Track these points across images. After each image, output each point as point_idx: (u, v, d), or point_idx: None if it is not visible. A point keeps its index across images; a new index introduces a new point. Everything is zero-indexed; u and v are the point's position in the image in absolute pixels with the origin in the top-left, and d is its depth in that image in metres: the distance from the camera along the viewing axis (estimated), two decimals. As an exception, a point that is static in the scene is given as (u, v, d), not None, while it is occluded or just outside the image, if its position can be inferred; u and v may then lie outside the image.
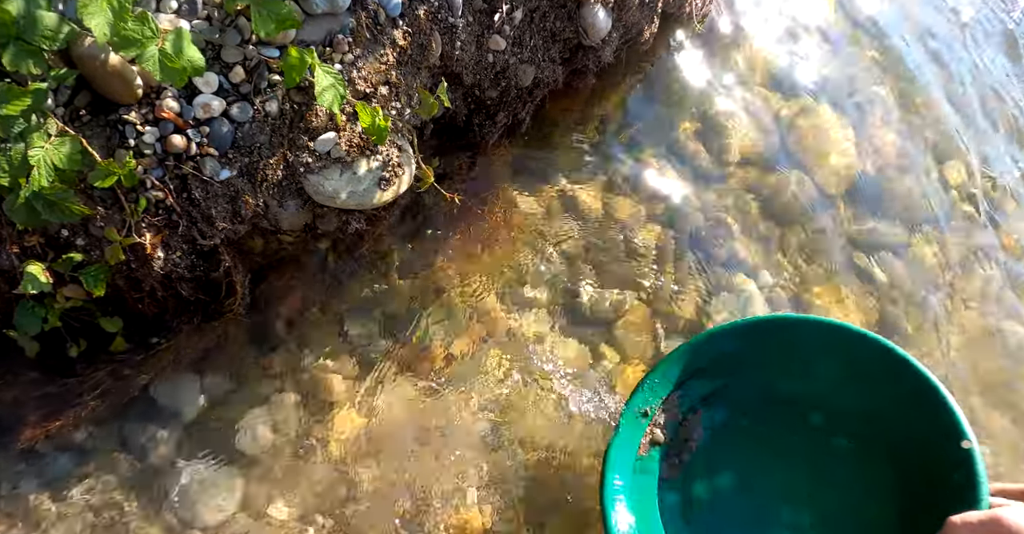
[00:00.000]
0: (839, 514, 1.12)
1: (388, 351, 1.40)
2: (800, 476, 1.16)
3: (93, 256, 1.08)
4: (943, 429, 1.03)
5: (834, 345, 1.13)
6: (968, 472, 0.98)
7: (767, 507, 1.15)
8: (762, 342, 1.16)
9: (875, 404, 1.13)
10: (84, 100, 1.02)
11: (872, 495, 1.12)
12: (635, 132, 1.79)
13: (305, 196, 1.15)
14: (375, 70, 1.13)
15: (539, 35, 1.35)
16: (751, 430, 1.21)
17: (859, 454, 1.15)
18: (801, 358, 1.16)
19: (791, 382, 1.19)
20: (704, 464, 1.19)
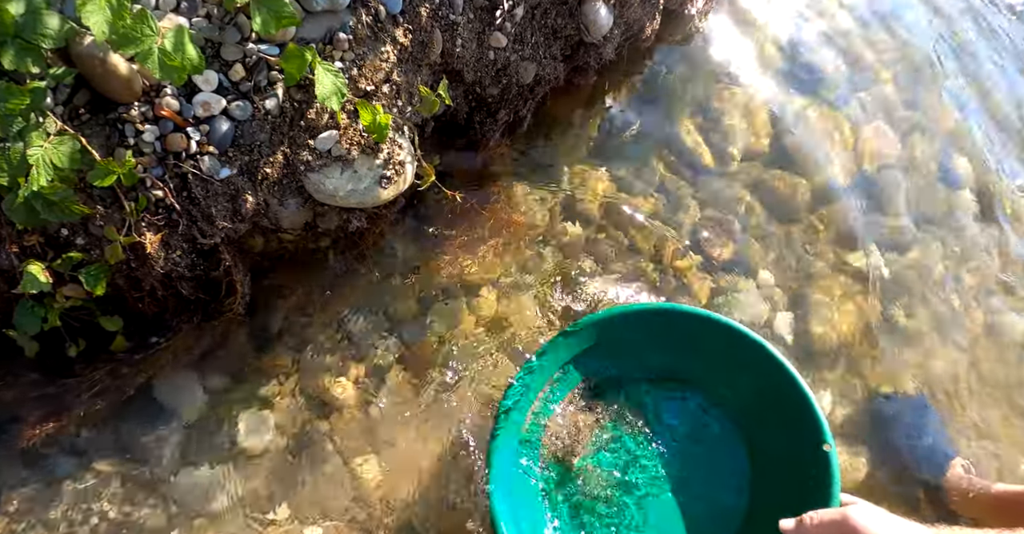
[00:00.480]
0: (699, 497, 1.18)
1: (389, 349, 1.40)
2: (674, 459, 1.21)
3: (93, 255, 1.08)
4: (805, 428, 1.09)
5: (711, 337, 1.18)
6: (824, 470, 1.04)
7: (639, 486, 1.20)
8: (642, 331, 1.21)
9: (746, 397, 1.19)
10: (83, 99, 1.01)
11: (730, 482, 1.18)
12: (636, 129, 1.78)
13: (306, 194, 1.14)
14: (376, 68, 1.12)
15: (540, 32, 1.34)
16: (630, 411, 1.26)
17: (726, 442, 1.21)
18: (680, 347, 1.21)
19: (671, 365, 1.24)
20: (584, 446, 1.23)
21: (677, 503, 1.18)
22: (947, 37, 2.26)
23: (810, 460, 1.07)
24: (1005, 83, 2.25)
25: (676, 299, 1.61)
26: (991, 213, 2.00)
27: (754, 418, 1.20)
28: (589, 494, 1.20)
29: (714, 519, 1.16)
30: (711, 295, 1.64)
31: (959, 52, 2.25)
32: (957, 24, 2.32)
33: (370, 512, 1.26)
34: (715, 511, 1.17)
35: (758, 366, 1.16)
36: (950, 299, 1.86)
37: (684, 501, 1.18)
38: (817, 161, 1.87)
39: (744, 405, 1.21)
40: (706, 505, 1.18)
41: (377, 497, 1.28)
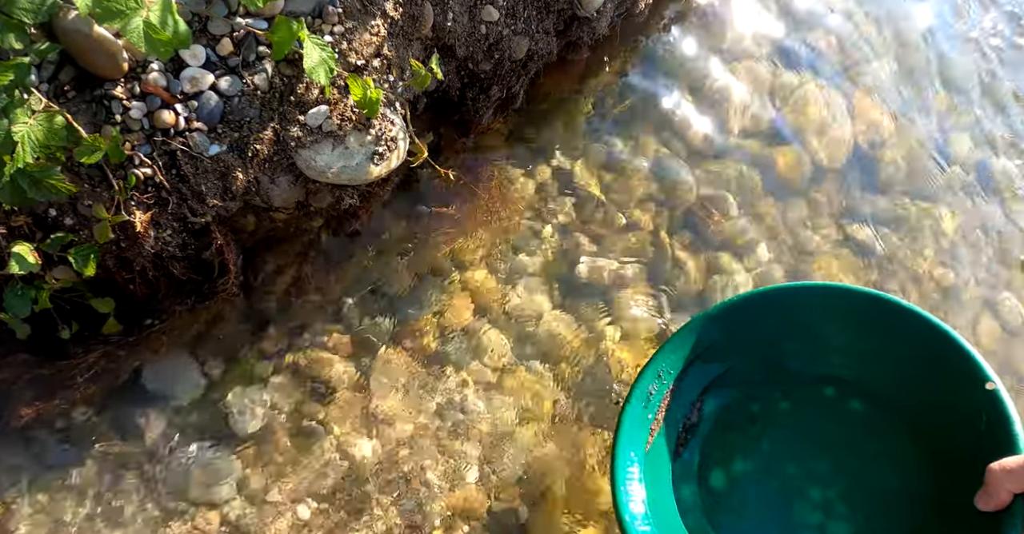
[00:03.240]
0: (864, 484, 1.06)
1: (384, 329, 1.39)
2: (820, 451, 1.10)
3: (82, 236, 1.06)
4: (962, 375, 0.96)
5: (837, 308, 1.08)
6: (996, 414, 0.91)
7: (790, 488, 1.09)
8: (766, 315, 1.12)
9: (886, 362, 1.07)
10: (69, 75, 1.00)
11: (894, 458, 1.06)
12: (631, 105, 1.76)
13: (297, 172, 1.13)
14: (366, 42, 1.11)
15: (533, 6, 1.32)
16: (763, 411, 1.16)
17: (875, 417, 1.09)
18: (806, 327, 1.11)
19: (799, 354, 1.14)
20: (718, 450, 1.14)
21: (848, 493, 1.06)
22: (947, 11, 2.24)
23: (976, 409, 0.93)
24: (1006, 58, 2.23)
25: (675, 274, 1.61)
26: (994, 186, 1.99)
27: (901, 383, 1.06)
28: (742, 504, 1.10)
29: (891, 504, 1.04)
30: (708, 273, 1.63)
31: (958, 24, 2.23)
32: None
33: (367, 491, 1.26)
34: (889, 490, 1.05)
35: (894, 326, 1.03)
36: (949, 274, 1.86)
37: (853, 490, 1.07)
38: (815, 137, 1.86)
39: (885, 372, 1.07)
40: (879, 487, 1.06)
41: (376, 477, 1.28)
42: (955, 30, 2.20)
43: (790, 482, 1.10)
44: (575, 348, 1.46)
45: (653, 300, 1.56)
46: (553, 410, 1.41)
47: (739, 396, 1.17)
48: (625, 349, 1.51)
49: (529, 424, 1.38)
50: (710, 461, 1.14)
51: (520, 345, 1.44)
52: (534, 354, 1.45)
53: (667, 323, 1.54)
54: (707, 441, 1.15)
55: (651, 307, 1.55)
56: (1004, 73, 2.18)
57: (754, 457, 1.13)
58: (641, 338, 1.51)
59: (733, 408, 1.17)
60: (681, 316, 1.54)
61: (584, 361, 1.46)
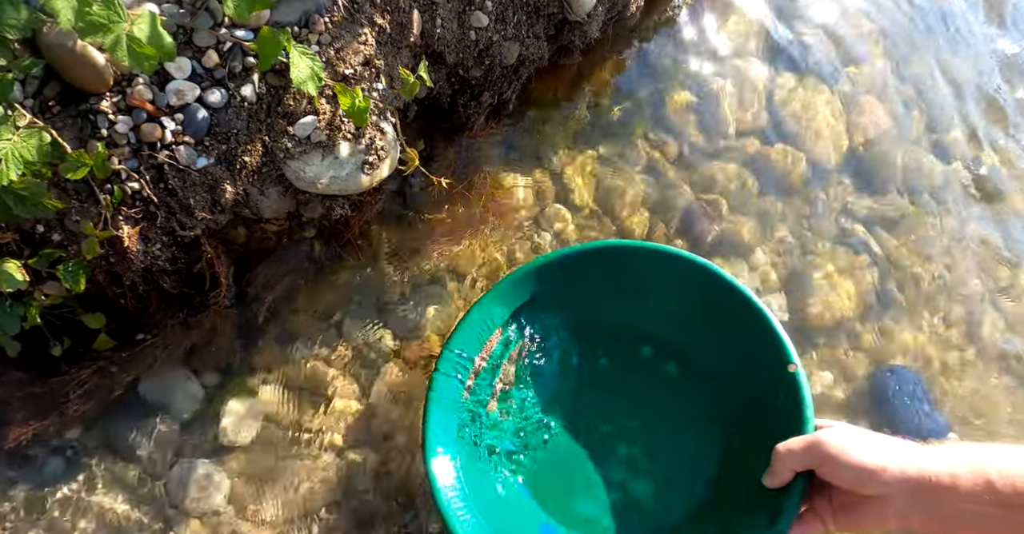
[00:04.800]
0: (666, 445, 1.12)
1: (379, 338, 1.38)
2: (632, 409, 1.15)
3: (71, 251, 1.05)
4: (768, 353, 1.02)
5: (661, 271, 1.12)
6: (792, 395, 0.97)
7: (599, 444, 1.13)
8: (590, 271, 1.14)
9: (702, 331, 1.12)
10: (53, 91, 0.99)
11: (696, 423, 1.11)
12: (625, 109, 1.75)
13: (287, 183, 1.12)
14: (354, 51, 1.10)
15: (523, 10, 1.31)
16: (582, 366, 1.19)
17: (685, 382, 1.15)
18: (630, 286, 1.14)
19: (620, 313, 1.17)
20: (533, 405, 1.17)
21: (649, 452, 1.12)
22: (938, 9, 2.24)
23: (776, 387, 1.00)
24: (996, 54, 2.22)
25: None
26: (990, 184, 1.98)
27: (712, 352, 1.12)
28: (554, 458, 1.13)
29: (689, 467, 1.09)
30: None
31: (950, 24, 2.22)
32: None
33: (367, 503, 1.25)
34: (686, 454, 1.11)
35: (712, 297, 1.09)
36: (946, 273, 1.85)
37: (654, 450, 1.12)
38: (811, 137, 1.85)
39: (699, 340, 1.13)
40: (679, 449, 1.11)
41: (375, 488, 1.26)
42: (953, 29, 2.20)
43: (600, 438, 1.14)
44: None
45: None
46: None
47: (559, 351, 1.20)
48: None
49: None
50: (524, 415, 1.16)
51: (517, 352, 1.42)
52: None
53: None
54: (522, 395, 1.17)
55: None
56: (1000, 73, 2.17)
57: (568, 412, 1.16)
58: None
59: (552, 362, 1.19)
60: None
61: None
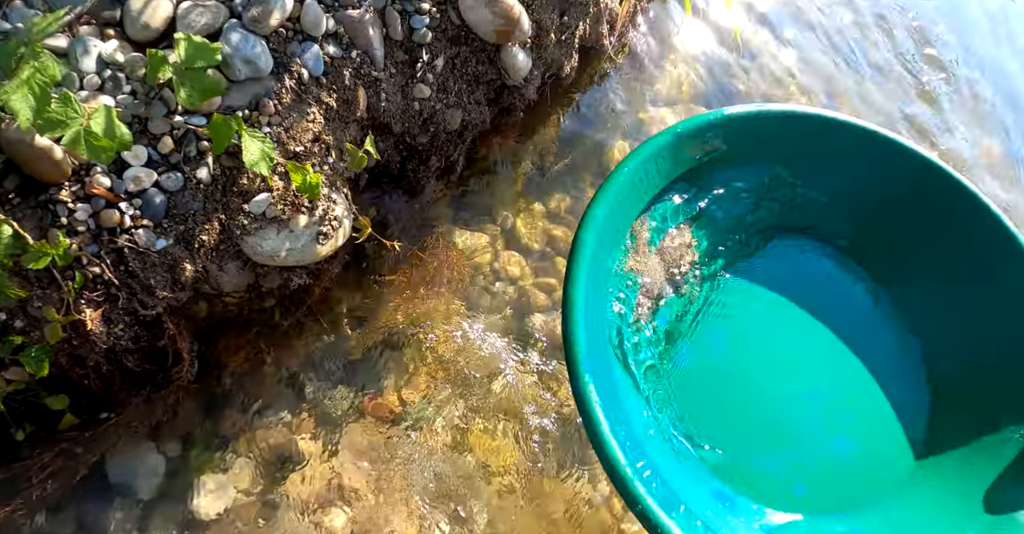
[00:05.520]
0: (864, 391, 0.88)
1: (343, 400, 1.41)
2: (809, 335, 0.90)
3: (33, 337, 1.07)
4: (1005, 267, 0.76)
5: (878, 158, 0.86)
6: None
7: (788, 390, 0.90)
8: (774, 141, 0.86)
9: (921, 244, 0.86)
10: (13, 183, 1.02)
11: (901, 361, 0.87)
12: (570, 160, 1.84)
13: (244, 257, 1.16)
14: (303, 129, 1.16)
15: (463, 80, 1.40)
16: (750, 267, 0.95)
17: (889, 309, 0.90)
18: (828, 170, 0.87)
19: (808, 205, 0.92)
20: (688, 308, 0.95)
21: (835, 387, 0.89)
22: (851, 44, 2.40)
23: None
24: (910, 75, 2.40)
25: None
26: None
27: (930, 272, 0.88)
28: (698, 367, 0.90)
29: (893, 423, 0.87)
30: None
31: (867, 55, 2.39)
32: (861, 25, 2.46)
33: (340, 566, 1.26)
34: (886, 401, 0.89)
35: (937, 200, 0.84)
36: None
37: (842, 387, 0.89)
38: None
39: (916, 257, 0.87)
40: (878, 394, 0.88)
41: (347, 549, 1.28)
42: (871, 59, 2.37)
43: (785, 382, 0.93)
44: (536, 399, 1.49)
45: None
46: (517, 463, 1.43)
47: (722, 248, 0.97)
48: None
49: (494, 479, 1.40)
50: (676, 316, 0.95)
51: (478, 402, 1.47)
52: (491, 410, 1.48)
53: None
54: (675, 296, 0.94)
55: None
56: (914, 98, 2.35)
57: (730, 320, 0.94)
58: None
59: (713, 259, 0.96)
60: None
61: (545, 413, 1.49)
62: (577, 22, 1.52)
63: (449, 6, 1.30)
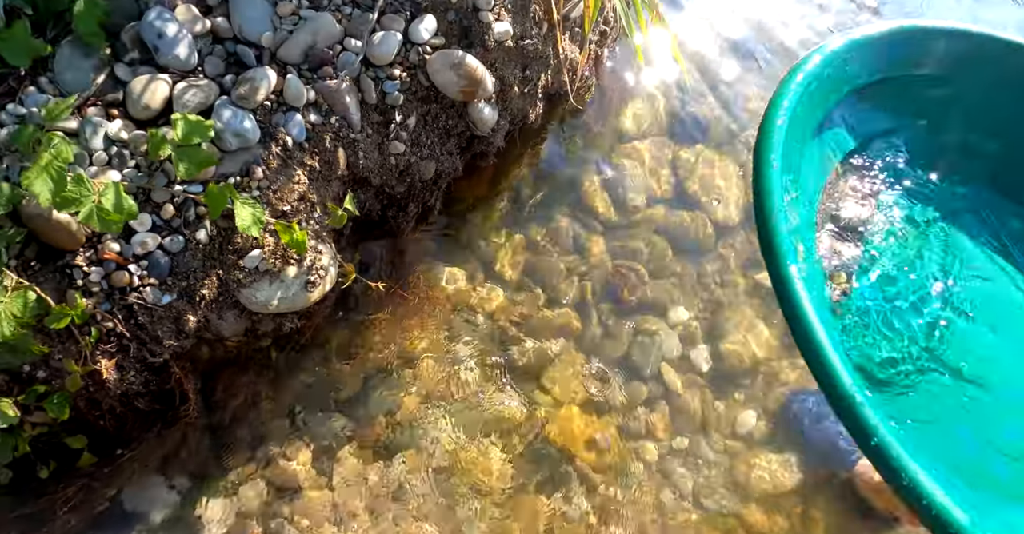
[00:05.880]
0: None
1: (339, 429, 1.54)
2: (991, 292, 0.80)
3: (55, 385, 1.21)
4: None
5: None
6: None
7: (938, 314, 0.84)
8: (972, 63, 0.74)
9: None
10: (33, 252, 1.16)
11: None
12: (543, 196, 1.98)
13: (241, 307, 1.30)
14: (290, 190, 1.30)
15: (434, 134, 1.54)
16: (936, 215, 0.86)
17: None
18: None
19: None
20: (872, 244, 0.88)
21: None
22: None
23: None
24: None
25: (601, 343, 1.79)
26: None
27: None
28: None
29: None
30: (633, 335, 1.82)
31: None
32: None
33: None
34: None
35: None
36: None
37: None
38: (711, 199, 2.09)
39: None
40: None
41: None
42: None
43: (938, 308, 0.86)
44: (517, 422, 1.62)
45: (584, 369, 1.74)
46: (504, 480, 1.56)
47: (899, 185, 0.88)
48: (563, 416, 1.68)
49: (483, 497, 1.53)
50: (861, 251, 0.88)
51: (466, 427, 1.59)
52: (479, 433, 1.61)
53: (599, 388, 1.72)
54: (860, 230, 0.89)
55: (583, 376, 1.73)
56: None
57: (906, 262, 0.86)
58: (576, 404, 1.68)
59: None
60: (611, 378, 1.72)
61: (526, 433, 1.62)
62: (539, 74, 1.66)
63: (418, 70, 1.45)
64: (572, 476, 1.60)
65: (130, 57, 1.27)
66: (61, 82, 1.23)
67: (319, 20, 1.35)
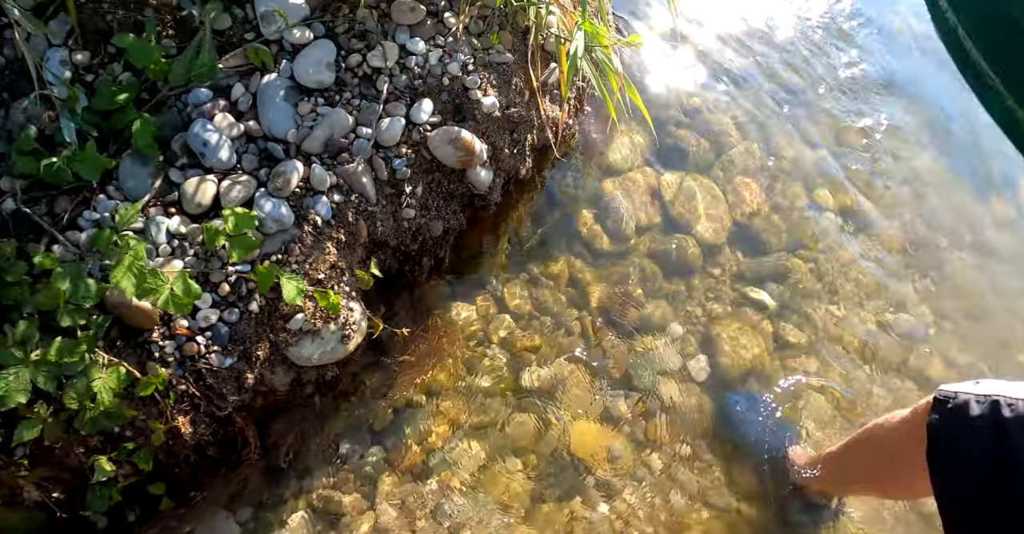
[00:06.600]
0: None
1: (377, 459, 1.76)
2: None
3: (140, 442, 1.44)
4: None
5: None
6: None
7: None
8: None
9: None
10: (117, 332, 1.40)
11: None
12: (542, 235, 2.21)
13: (288, 362, 1.53)
14: (322, 260, 1.54)
15: (439, 197, 1.78)
16: None
17: None
18: None
19: None
20: None
21: None
22: (787, 86, 2.72)
23: None
24: (841, 108, 2.73)
25: (606, 362, 2.02)
26: (858, 224, 2.43)
27: None
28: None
29: None
30: (632, 354, 2.03)
31: (796, 97, 2.72)
32: (802, 72, 2.77)
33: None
34: None
35: None
36: (836, 311, 2.30)
37: None
38: (698, 222, 2.30)
39: None
40: None
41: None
42: (801, 99, 2.70)
43: None
44: (534, 441, 1.84)
45: (592, 387, 1.96)
46: (527, 495, 1.77)
47: None
48: (577, 431, 1.89)
49: (510, 511, 1.74)
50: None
51: (489, 448, 1.81)
52: (501, 452, 1.83)
53: (605, 402, 1.93)
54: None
55: (592, 394, 1.95)
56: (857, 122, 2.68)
57: None
58: (588, 419, 1.90)
59: None
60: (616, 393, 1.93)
61: (547, 450, 1.84)
62: (525, 136, 1.89)
63: (421, 147, 1.68)
64: (590, 485, 1.82)
65: (180, 162, 1.51)
66: (125, 189, 1.47)
67: (334, 115, 1.59)
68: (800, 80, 2.76)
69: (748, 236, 2.38)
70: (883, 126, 2.72)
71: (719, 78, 2.66)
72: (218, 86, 1.58)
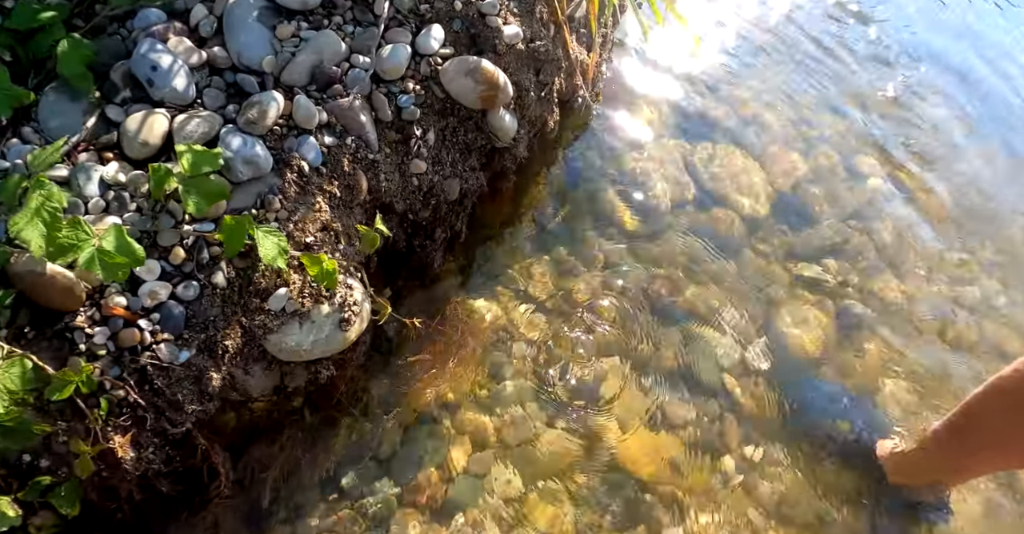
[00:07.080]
0: None
1: (386, 492, 1.36)
2: None
3: (61, 474, 1.02)
4: None
5: None
6: None
7: None
8: None
9: None
10: (26, 317, 1.00)
11: None
12: (566, 213, 1.86)
13: (269, 357, 1.13)
14: (311, 219, 1.16)
15: (455, 150, 1.42)
16: None
17: None
18: None
19: None
20: None
21: None
22: (810, 56, 2.49)
23: None
24: (867, 77, 2.50)
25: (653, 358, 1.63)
26: (905, 188, 2.17)
27: None
28: None
29: None
30: (684, 345, 1.67)
31: (827, 64, 2.48)
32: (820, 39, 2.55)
33: None
34: None
35: None
36: (895, 278, 1.97)
37: None
38: (738, 194, 1.99)
39: None
40: None
41: None
42: (828, 69, 2.46)
43: None
44: (579, 457, 1.44)
45: (639, 387, 1.58)
46: (576, 525, 1.37)
47: None
48: (626, 441, 1.50)
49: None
50: None
51: (525, 470, 1.42)
52: (541, 475, 1.43)
53: (660, 405, 1.55)
54: None
55: (639, 395, 1.57)
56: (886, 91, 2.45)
57: None
58: (638, 426, 1.51)
59: None
60: (671, 392, 1.56)
61: (592, 467, 1.44)
62: (552, 78, 1.56)
63: (431, 82, 1.33)
64: (652, 508, 1.42)
65: (121, 96, 1.14)
66: (47, 130, 1.10)
67: (322, 38, 1.24)
68: (822, 52, 2.55)
69: (793, 207, 2.08)
70: (911, 92, 2.48)
71: (742, 49, 2.43)
72: (173, 9, 1.23)
